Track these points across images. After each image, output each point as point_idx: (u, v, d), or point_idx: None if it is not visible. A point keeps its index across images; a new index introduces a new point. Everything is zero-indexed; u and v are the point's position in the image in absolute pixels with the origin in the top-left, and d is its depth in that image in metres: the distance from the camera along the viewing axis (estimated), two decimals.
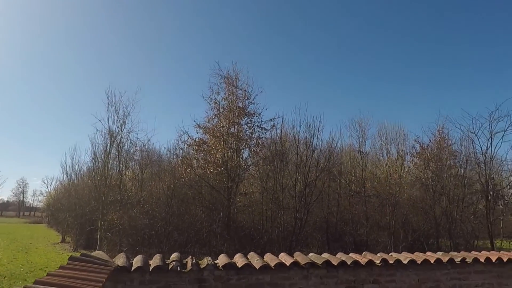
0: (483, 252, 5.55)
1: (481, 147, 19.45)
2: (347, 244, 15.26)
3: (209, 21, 60.18)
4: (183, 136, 18.97)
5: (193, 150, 18.57)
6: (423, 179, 20.12)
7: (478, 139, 19.56)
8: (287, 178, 16.77)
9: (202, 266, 4.00)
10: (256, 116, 18.07)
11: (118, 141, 18.33)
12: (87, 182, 22.17)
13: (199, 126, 18.20)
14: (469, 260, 4.95)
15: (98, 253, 3.77)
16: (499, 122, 18.70)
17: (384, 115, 61.61)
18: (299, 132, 17.56)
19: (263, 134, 18.25)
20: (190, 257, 4.27)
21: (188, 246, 12.83)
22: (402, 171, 21.03)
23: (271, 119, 18.07)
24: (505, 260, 4.98)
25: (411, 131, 36.82)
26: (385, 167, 21.40)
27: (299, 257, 4.55)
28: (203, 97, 18.52)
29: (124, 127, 18.07)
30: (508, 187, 22.62)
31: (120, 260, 3.80)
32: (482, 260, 4.96)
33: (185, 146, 19.68)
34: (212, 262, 4.11)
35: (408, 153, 22.80)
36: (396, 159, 22.07)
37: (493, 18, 55.55)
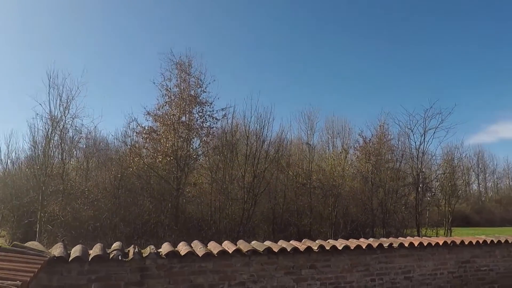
0: (408, 238, 6.14)
1: (415, 143, 21.45)
2: (292, 235, 15.95)
3: (162, 7, 57.34)
4: (132, 123, 18.21)
5: (142, 138, 17.93)
6: (363, 172, 21.54)
7: (413, 135, 21.51)
8: (236, 169, 16.95)
9: (144, 255, 3.97)
10: (208, 105, 17.92)
11: (61, 127, 16.88)
12: (25, 171, 20.29)
13: (149, 113, 17.61)
14: (395, 245, 5.43)
15: (32, 244, 3.59)
16: (432, 119, 20.78)
17: (332, 109, 64.35)
18: (249, 123, 17.77)
19: (214, 123, 18.19)
20: (132, 246, 4.20)
21: (135, 238, 12.46)
22: (346, 164, 22.26)
23: (222, 109, 18.03)
24: (425, 244, 5.58)
25: (356, 125, 39.22)
26: (330, 160, 22.53)
27: (242, 244, 4.71)
28: (154, 83, 17.89)
29: (68, 112, 16.62)
30: (436, 180, 25.22)
31: (57, 250, 3.64)
32: (406, 245, 5.48)
33: (134, 134, 18.91)
34: (155, 251, 4.10)
35: (352, 147, 24.27)
36: (340, 152, 23.32)
37: (427, 20, 60.08)
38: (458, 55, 59.79)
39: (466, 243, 5.93)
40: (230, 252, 4.40)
